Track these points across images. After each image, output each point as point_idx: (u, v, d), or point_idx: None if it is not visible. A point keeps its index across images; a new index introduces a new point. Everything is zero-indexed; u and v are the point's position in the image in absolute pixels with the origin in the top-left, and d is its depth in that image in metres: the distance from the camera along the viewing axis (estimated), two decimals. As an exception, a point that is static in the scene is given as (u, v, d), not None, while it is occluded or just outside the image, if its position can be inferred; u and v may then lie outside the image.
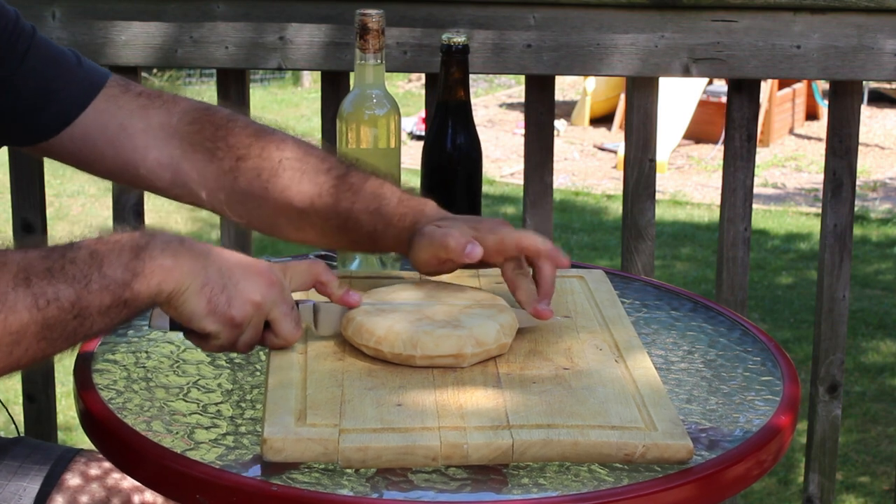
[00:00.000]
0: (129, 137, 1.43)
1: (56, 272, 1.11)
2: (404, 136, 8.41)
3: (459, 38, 1.52)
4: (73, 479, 1.45)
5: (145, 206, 2.37)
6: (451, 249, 1.31)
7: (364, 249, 1.51)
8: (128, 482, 1.46)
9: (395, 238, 1.38)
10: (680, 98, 8.28)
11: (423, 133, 7.19)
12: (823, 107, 8.84)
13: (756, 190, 2.39)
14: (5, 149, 1.55)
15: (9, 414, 1.70)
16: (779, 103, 8.88)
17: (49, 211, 2.42)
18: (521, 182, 2.36)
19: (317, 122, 2.36)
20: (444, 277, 1.48)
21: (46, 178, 2.43)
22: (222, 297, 1.17)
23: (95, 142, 1.43)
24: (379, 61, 1.54)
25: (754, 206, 2.36)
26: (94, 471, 1.47)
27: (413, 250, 1.35)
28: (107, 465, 1.47)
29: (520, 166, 7.22)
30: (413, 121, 8.72)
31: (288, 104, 10.32)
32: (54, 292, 1.10)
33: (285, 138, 1.44)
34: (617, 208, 6.82)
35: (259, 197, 1.42)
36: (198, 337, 1.21)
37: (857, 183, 2.40)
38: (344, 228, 1.40)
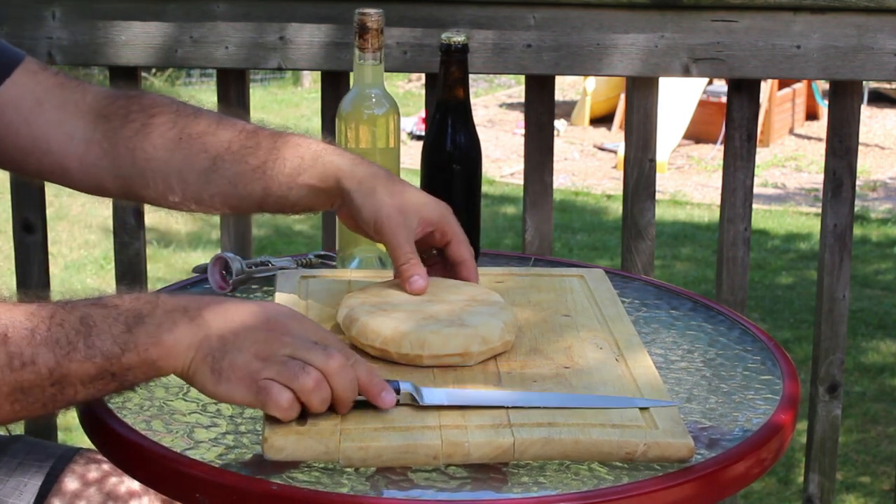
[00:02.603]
0: (43, 112, 1.41)
1: (39, 333, 1.05)
2: (404, 136, 8.41)
3: (459, 38, 1.52)
4: (71, 483, 1.45)
5: (145, 206, 2.37)
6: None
7: (269, 208, 1.45)
8: (125, 486, 1.46)
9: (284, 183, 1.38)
10: (680, 98, 8.28)
11: (423, 133, 7.19)
12: (823, 107, 8.84)
13: (756, 190, 2.39)
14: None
15: None
16: (779, 103, 8.89)
17: (49, 211, 2.42)
18: (521, 182, 2.36)
19: (317, 122, 2.36)
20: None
21: (46, 177, 2.43)
22: (224, 363, 1.08)
23: (11, 117, 1.40)
24: (378, 61, 1.54)
25: (754, 206, 2.36)
26: (92, 473, 1.47)
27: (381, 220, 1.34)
28: (106, 467, 1.47)
29: (520, 166, 7.21)
30: (413, 121, 8.73)
31: (288, 104, 10.32)
32: (31, 355, 1.04)
33: (200, 107, 1.44)
34: (617, 208, 6.82)
35: (170, 150, 1.39)
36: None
37: (857, 183, 2.40)
38: (241, 187, 1.39)
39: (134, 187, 1.43)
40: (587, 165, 8.29)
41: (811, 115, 9.41)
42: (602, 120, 9.25)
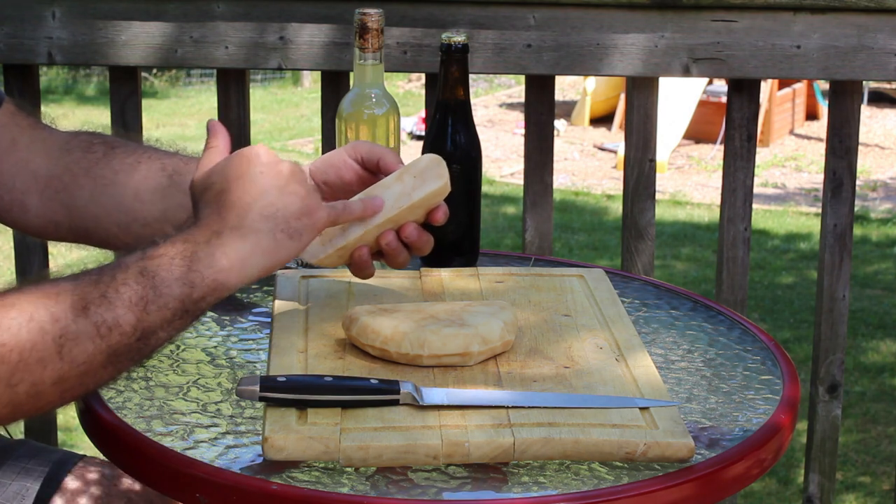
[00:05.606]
0: (15, 151, 1.44)
1: (112, 297, 1.10)
2: (404, 136, 8.41)
3: (459, 38, 1.52)
4: (72, 485, 1.45)
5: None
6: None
7: None
8: (125, 485, 1.46)
9: None
10: (680, 98, 8.29)
11: (423, 133, 7.20)
12: (824, 106, 8.84)
13: (756, 190, 2.39)
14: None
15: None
16: (779, 103, 8.90)
17: (49, 211, 2.42)
18: (521, 182, 2.36)
19: (317, 122, 2.37)
20: (441, 275, 1.48)
21: (46, 177, 2.43)
22: (296, 224, 1.18)
23: None
24: (378, 61, 1.54)
25: (754, 206, 2.36)
26: (92, 476, 1.47)
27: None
28: (107, 471, 1.47)
29: (520, 166, 7.22)
30: (413, 121, 8.73)
31: (288, 104, 10.33)
32: (114, 318, 1.10)
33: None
34: (617, 208, 6.83)
35: (121, 184, 1.41)
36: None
37: (857, 183, 2.40)
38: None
39: (87, 221, 1.44)
40: (587, 165, 8.29)
41: (811, 115, 9.42)
42: (602, 120, 9.26)
